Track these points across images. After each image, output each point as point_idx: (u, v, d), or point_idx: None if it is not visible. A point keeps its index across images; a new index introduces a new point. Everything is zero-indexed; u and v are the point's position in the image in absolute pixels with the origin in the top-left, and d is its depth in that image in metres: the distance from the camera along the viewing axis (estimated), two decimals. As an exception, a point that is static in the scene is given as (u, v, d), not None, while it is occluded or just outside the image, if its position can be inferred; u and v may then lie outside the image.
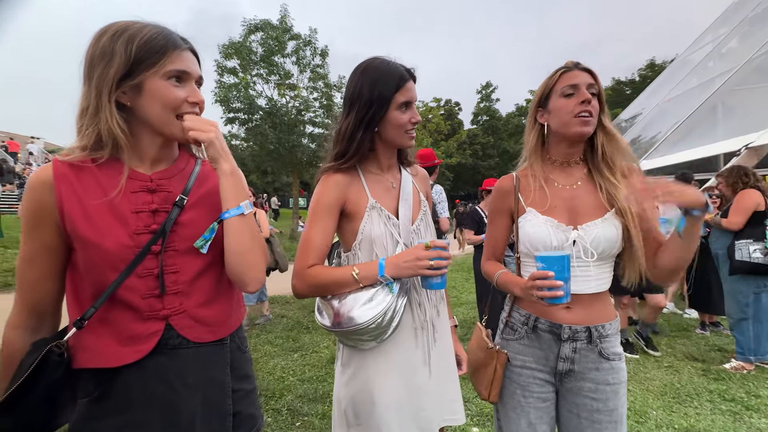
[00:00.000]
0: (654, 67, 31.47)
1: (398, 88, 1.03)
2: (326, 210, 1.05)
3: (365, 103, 1.03)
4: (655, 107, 11.84)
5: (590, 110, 1.05)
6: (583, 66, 1.09)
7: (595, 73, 1.09)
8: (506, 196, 1.22)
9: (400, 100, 1.04)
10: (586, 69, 1.09)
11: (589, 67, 1.10)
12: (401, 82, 1.04)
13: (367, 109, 1.03)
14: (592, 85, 1.07)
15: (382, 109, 1.03)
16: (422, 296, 1.10)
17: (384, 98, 1.02)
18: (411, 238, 1.11)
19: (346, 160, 1.06)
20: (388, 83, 1.03)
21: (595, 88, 1.07)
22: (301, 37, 13.87)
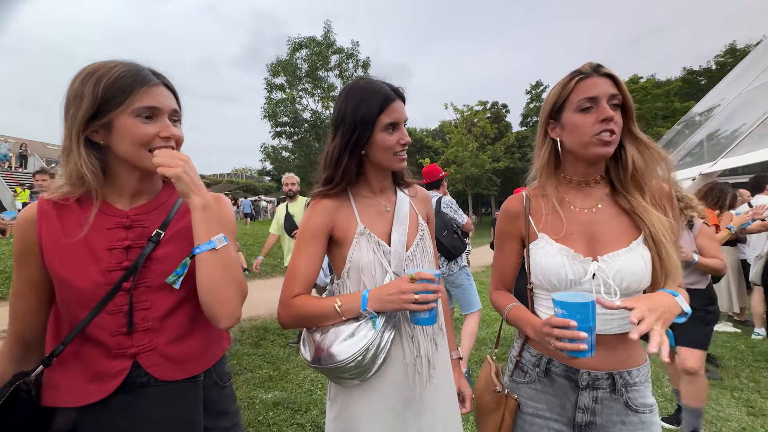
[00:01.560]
0: (735, 52, 27.78)
1: (382, 109, 0.98)
2: (313, 237, 1.01)
3: (349, 127, 0.99)
4: (736, 97, 10.35)
5: (612, 128, 0.88)
6: (604, 71, 0.91)
7: (618, 79, 0.91)
8: (515, 218, 1.08)
9: (386, 122, 0.98)
10: (608, 74, 0.91)
11: (610, 71, 0.92)
12: (386, 103, 0.98)
13: (351, 133, 0.99)
14: (615, 96, 0.90)
15: (366, 132, 0.98)
16: (416, 329, 1.02)
17: (368, 120, 0.97)
18: (405, 265, 1.03)
19: (334, 185, 1.02)
20: (372, 105, 0.97)
21: (618, 99, 0.90)
22: (344, 50, 14.39)
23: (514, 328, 1.07)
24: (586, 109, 0.90)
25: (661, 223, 0.89)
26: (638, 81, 28.31)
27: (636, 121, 0.95)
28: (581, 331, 0.76)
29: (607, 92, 0.89)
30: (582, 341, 0.76)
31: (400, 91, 1.03)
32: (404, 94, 1.04)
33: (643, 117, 26.24)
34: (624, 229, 0.94)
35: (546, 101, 1.00)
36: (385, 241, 1.03)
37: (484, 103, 28.52)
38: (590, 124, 0.90)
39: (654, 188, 0.95)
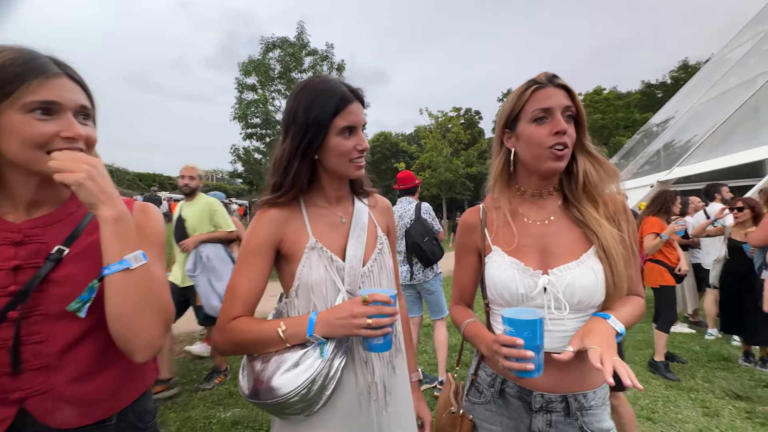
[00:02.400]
0: (687, 68, 29.91)
1: (338, 110, 0.88)
2: (256, 251, 0.90)
3: (300, 128, 0.89)
4: (689, 110, 11.08)
5: (565, 142, 0.86)
6: (559, 82, 0.89)
7: (572, 91, 0.89)
8: (471, 231, 1.03)
9: (341, 125, 0.89)
10: (562, 85, 0.89)
11: (566, 83, 0.90)
12: (342, 104, 0.89)
13: (302, 135, 0.89)
14: (569, 108, 0.88)
15: (319, 135, 0.89)
16: (370, 353, 0.92)
17: (321, 122, 0.88)
18: (361, 282, 0.94)
19: (283, 193, 0.92)
20: (326, 105, 0.88)
21: (572, 110, 0.88)
22: (318, 52, 14.20)
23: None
24: (541, 119, 0.88)
25: (612, 236, 0.87)
26: (601, 92, 29.82)
27: (600, 130, 0.93)
28: (528, 349, 0.73)
29: (561, 104, 0.86)
30: (528, 360, 0.73)
31: (359, 93, 0.94)
32: (363, 96, 0.95)
33: (606, 126, 27.65)
34: (575, 242, 0.90)
35: (502, 110, 0.96)
36: (340, 256, 0.93)
37: (458, 110, 29.07)
38: (544, 136, 0.87)
39: (608, 200, 0.92)
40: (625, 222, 0.91)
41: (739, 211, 3.43)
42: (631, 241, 0.91)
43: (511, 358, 0.74)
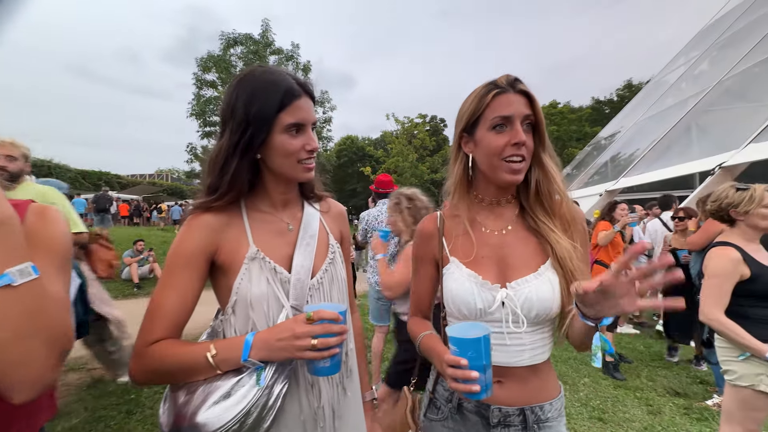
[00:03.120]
0: (631, 87, 32.64)
1: (284, 105, 0.78)
2: (186, 263, 0.77)
3: (239, 124, 0.78)
4: (633, 126, 12.05)
5: (522, 154, 0.82)
6: (521, 87, 0.84)
7: (533, 98, 0.85)
8: (429, 240, 0.97)
9: (287, 122, 0.79)
10: (524, 91, 0.84)
11: (527, 88, 0.85)
12: (288, 99, 0.79)
13: (241, 132, 0.78)
14: (529, 116, 0.84)
15: (261, 132, 0.78)
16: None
17: (263, 118, 0.78)
18: (309, 296, 0.84)
19: (219, 196, 0.80)
20: (270, 99, 0.78)
21: (532, 118, 0.85)
22: (283, 51, 13.84)
23: None
24: (499, 126, 0.83)
25: (567, 247, 0.84)
26: (556, 106, 31.79)
27: (555, 142, 0.92)
28: (473, 369, 0.68)
29: (521, 112, 0.82)
30: (474, 381, 0.68)
31: (308, 87, 0.84)
32: (313, 91, 0.86)
33: (561, 138, 29.48)
34: (532, 253, 0.87)
35: (460, 112, 0.91)
36: (285, 267, 0.83)
37: (424, 116, 29.62)
38: (501, 146, 0.83)
39: (565, 210, 0.90)
40: (578, 233, 0.90)
41: (680, 221, 3.71)
42: (584, 252, 0.89)
43: (459, 379, 0.69)
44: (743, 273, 1.70)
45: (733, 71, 8.15)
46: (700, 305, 1.78)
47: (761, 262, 1.71)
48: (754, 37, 8.44)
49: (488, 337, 0.70)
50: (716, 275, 1.73)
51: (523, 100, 0.83)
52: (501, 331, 0.83)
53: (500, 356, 0.83)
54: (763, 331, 1.66)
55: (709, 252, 1.83)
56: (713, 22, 12.81)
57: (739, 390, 1.66)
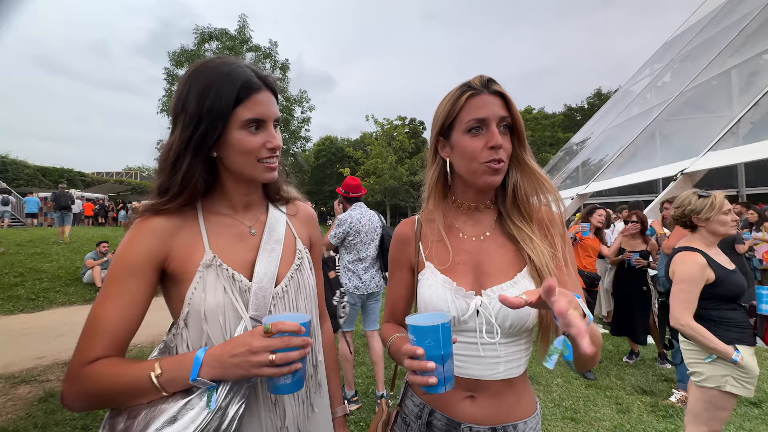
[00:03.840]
0: (601, 96, 34.13)
1: (241, 99, 0.72)
2: (130, 271, 0.69)
3: (192, 119, 0.71)
4: (602, 133, 12.57)
5: (500, 157, 0.79)
6: (495, 88, 0.81)
7: (509, 98, 0.81)
8: (406, 245, 0.94)
9: (246, 117, 0.73)
10: (498, 92, 0.81)
11: (502, 89, 0.81)
12: (246, 92, 0.72)
13: (194, 127, 0.71)
14: (505, 118, 0.80)
15: (216, 127, 0.71)
16: None
17: (218, 112, 0.71)
18: (272, 305, 0.77)
19: (170, 198, 0.73)
20: (225, 92, 0.71)
21: (509, 120, 0.81)
22: (261, 49, 13.50)
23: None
24: (475, 129, 0.80)
25: (544, 254, 0.81)
26: (531, 112, 32.81)
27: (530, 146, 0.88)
28: (430, 359, 0.64)
29: (497, 114, 0.79)
30: (431, 373, 0.64)
31: (270, 80, 0.78)
32: (275, 85, 0.79)
33: (535, 143, 30.45)
34: (510, 260, 0.84)
35: (436, 116, 0.87)
36: (246, 275, 0.76)
37: (404, 119, 29.80)
38: (479, 150, 0.79)
39: (544, 216, 0.87)
40: (559, 238, 0.86)
41: (635, 223, 3.86)
42: (567, 258, 0.86)
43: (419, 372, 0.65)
44: (709, 277, 1.76)
45: (693, 83, 8.65)
46: (671, 310, 1.83)
47: (723, 265, 1.79)
48: (712, 51, 9.00)
49: (447, 325, 0.66)
50: (684, 280, 1.79)
51: (499, 101, 0.80)
52: (474, 342, 0.80)
53: (474, 369, 0.80)
54: (726, 332, 1.73)
55: (676, 257, 1.89)
56: (675, 37, 13.59)
57: (706, 391, 1.72)
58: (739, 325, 1.75)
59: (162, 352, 0.75)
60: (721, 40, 9.04)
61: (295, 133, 16.97)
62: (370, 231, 2.99)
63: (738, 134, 6.03)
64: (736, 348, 1.68)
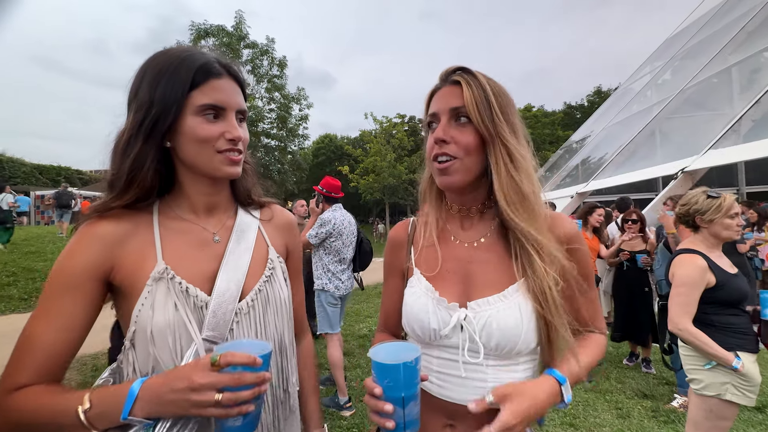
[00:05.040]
0: (600, 93, 33.99)
1: (197, 83, 0.65)
2: (68, 286, 0.62)
3: (142, 104, 0.64)
4: (602, 131, 12.49)
5: (444, 152, 0.71)
6: (454, 78, 0.73)
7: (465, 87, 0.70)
8: (399, 249, 0.87)
9: (201, 102, 0.65)
10: (455, 81, 0.72)
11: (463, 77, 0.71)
12: (201, 76, 0.65)
13: (145, 111, 0.64)
14: (458, 108, 0.70)
15: (168, 112, 0.64)
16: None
17: (171, 96, 0.64)
18: (234, 323, 0.69)
19: (119, 194, 0.65)
20: (179, 76, 0.64)
21: (464, 110, 0.70)
22: (258, 45, 13.39)
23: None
24: (430, 125, 0.77)
25: (547, 267, 0.70)
26: (531, 110, 32.67)
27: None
28: (388, 401, 0.58)
29: (447, 106, 0.72)
30: (388, 416, 0.57)
31: (233, 69, 0.71)
32: (239, 74, 0.73)
33: (535, 141, 30.19)
34: (504, 272, 0.73)
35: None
36: (205, 288, 0.68)
37: (403, 116, 29.66)
38: (429, 147, 0.75)
39: (552, 222, 0.77)
40: (577, 249, 0.76)
41: (633, 224, 3.78)
42: (586, 271, 0.77)
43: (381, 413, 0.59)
44: (709, 281, 1.69)
45: (694, 81, 8.57)
46: (669, 314, 1.77)
47: (725, 269, 1.72)
48: (712, 49, 8.91)
49: (411, 364, 0.58)
50: (684, 284, 1.73)
51: (456, 91, 0.72)
52: (456, 359, 0.71)
53: (454, 391, 0.72)
54: (727, 338, 1.67)
55: (676, 259, 1.82)
56: (676, 34, 13.49)
57: (706, 399, 1.66)
58: (741, 331, 1.69)
59: (113, 373, 0.68)
60: (723, 37, 8.95)
61: (293, 131, 16.90)
62: (350, 233, 3.02)
63: (739, 132, 5.96)
64: (737, 355, 1.62)
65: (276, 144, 14.20)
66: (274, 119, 14.20)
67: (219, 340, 0.67)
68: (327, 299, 2.94)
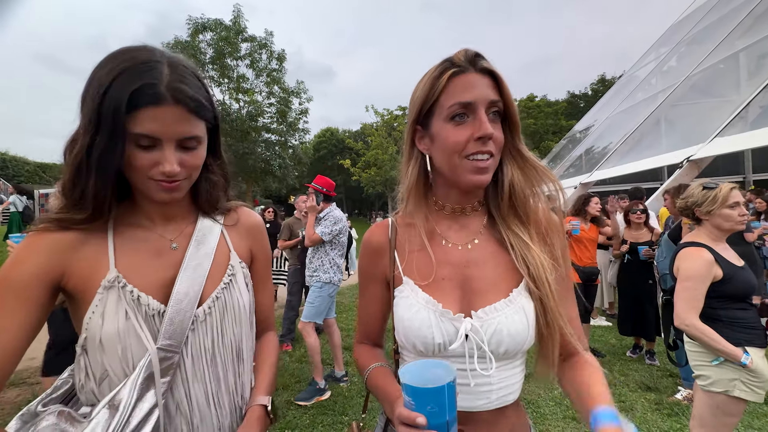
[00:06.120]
0: (605, 82, 33.48)
1: (130, 109, 0.57)
2: (12, 293, 0.59)
3: (89, 125, 0.59)
4: (606, 120, 12.31)
5: (489, 150, 0.66)
6: (483, 65, 0.66)
7: (500, 78, 0.67)
8: (379, 255, 0.81)
9: (135, 131, 0.59)
10: (487, 70, 0.66)
11: (492, 66, 0.67)
12: (137, 101, 0.57)
13: (91, 135, 0.59)
14: (495, 102, 0.66)
15: (116, 143, 0.58)
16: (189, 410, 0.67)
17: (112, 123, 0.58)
18: (190, 329, 0.67)
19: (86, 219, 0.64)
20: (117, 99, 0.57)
21: (500, 105, 0.67)
22: (256, 39, 13.23)
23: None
24: (459, 116, 0.66)
25: (543, 264, 0.70)
26: (534, 99, 32.26)
27: (532, 135, 0.78)
28: (433, 429, 0.53)
29: (486, 97, 0.65)
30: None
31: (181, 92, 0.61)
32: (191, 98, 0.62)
33: (537, 132, 30.03)
34: (503, 273, 0.72)
35: (412, 99, 0.73)
36: (159, 296, 0.66)
37: (404, 108, 29.40)
38: (463, 142, 0.66)
39: (541, 218, 0.75)
40: (560, 247, 0.75)
41: (642, 213, 3.72)
42: (566, 269, 0.75)
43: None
44: (716, 274, 1.65)
45: (700, 67, 8.39)
46: (675, 309, 1.72)
47: (732, 262, 1.67)
48: (719, 34, 8.70)
49: (453, 384, 0.54)
50: (690, 278, 1.68)
51: (488, 82, 0.66)
52: (464, 369, 0.69)
53: (462, 400, 0.70)
54: (735, 333, 1.62)
55: (681, 252, 1.77)
56: (681, 19, 13.19)
57: (713, 395, 1.62)
58: (749, 325, 1.64)
59: (72, 374, 0.68)
60: (730, 21, 8.73)
61: (293, 125, 16.79)
62: (347, 228, 3.26)
63: (746, 119, 5.83)
64: (745, 350, 1.58)
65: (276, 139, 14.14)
66: (274, 114, 14.13)
67: (176, 349, 0.65)
68: (332, 291, 3.11)
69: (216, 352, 0.71)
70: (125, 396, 0.60)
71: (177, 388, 0.66)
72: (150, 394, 0.62)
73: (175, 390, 0.66)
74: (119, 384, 0.61)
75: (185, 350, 0.67)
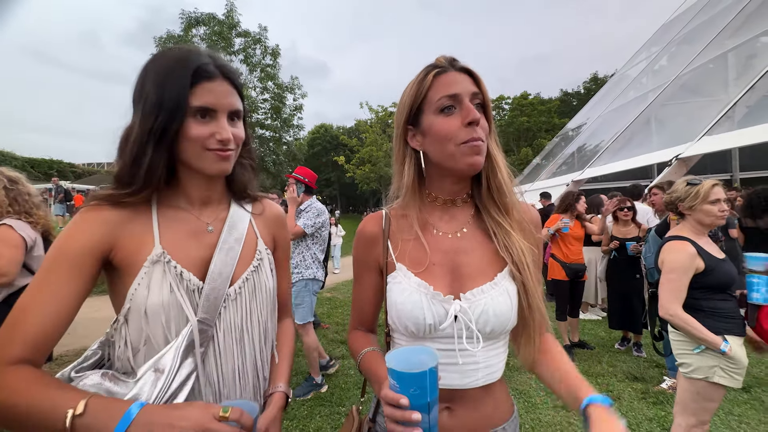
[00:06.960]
0: (597, 80, 33.83)
1: (190, 85, 0.68)
2: (70, 263, 0.64)
3: (152, 107, 0.67)
4: (598, 118, 12.47)
5: (480, 136, 0.72)
6: (461, 65, 0.76)
7: (477, 76, 0.76)
8: (372, 244, 0.86)
9: (195, 105, 0.68)
10: (465, 69, 0.75)
11: (469, 66, 0.76)
12: (196, 78, 0.68)
13: (155, 117, 0.67)
14: (476, 95, 0.74)
15: (174, 119, 0.67)
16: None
17: (173, 102, 0.67)
18: (222, 307, 0.74)
19: (134, 191, 0.69)
20: (180, 80, 0.67)
21: (480, 98, 0.75)
22: (250, 34, 13.11)
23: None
24: (448, 108, 0.73)
25: (523, 250, 0.76)
26: (527, 97, 32.45)
27: (526, 132, 0.82)
28: (415, 410, 0.58)
29: (468, 90, 0.73)
30: (416, 424, 0.58)
31: (227, 70, 0.73)
32: (234, 76, 0.75)
33: (531, 129, 30.23)
34: (489, 259, 0.78)
35: (400, 105, 0.79)
36: (198, 273, 0.72)
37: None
38: (455, 129, 0.72)
39: (525, 214, 0.82)
40: (531, 233, 0.82)
41: (629, 210, 3.81)
42: (538, 254, 0.82)
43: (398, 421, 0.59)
44: (698, 266, 1.73)
45: (690, 67, 8.54)
46: (660, 300, 1.80)
47: (713, 254, 1.75)
48: (708, 34, 8.86)
49: (435, 369, 0.59)
50: (673, 270, 1.76)
51: (467, 78, 0.75)
52: (452, 349, 0.74)
53: (451, 378, 0.75)
54: (716, 322, 1.70)
55: (665, 246, 1.85)
56: (672, 19, 13.38)
57: (694, 382, 1.70)
58: (729, 315, 1.73)
59: (102, 346, 0.72)
60: (720, 21, 8.89)
61: (287, 121, 16.73)
62: (328, 222, 3.14)
63: (733, 118, 5.97)
64: (725, 338, 1.66)
65: (270, 135, 14.07)
66: (268, 109, 14.05)
67: (210, 323, 0.71)
68: (315, 288, 2.97)
69: (244, 330, 0.77)
70: (169, 361, 0.65)
71: (209, 360, 0.72)
72: (189, 362, 0.67)
73: (207, 362, 0.72)
74: (159, 352, 0.66)
75: (218, 325, 0.73)
